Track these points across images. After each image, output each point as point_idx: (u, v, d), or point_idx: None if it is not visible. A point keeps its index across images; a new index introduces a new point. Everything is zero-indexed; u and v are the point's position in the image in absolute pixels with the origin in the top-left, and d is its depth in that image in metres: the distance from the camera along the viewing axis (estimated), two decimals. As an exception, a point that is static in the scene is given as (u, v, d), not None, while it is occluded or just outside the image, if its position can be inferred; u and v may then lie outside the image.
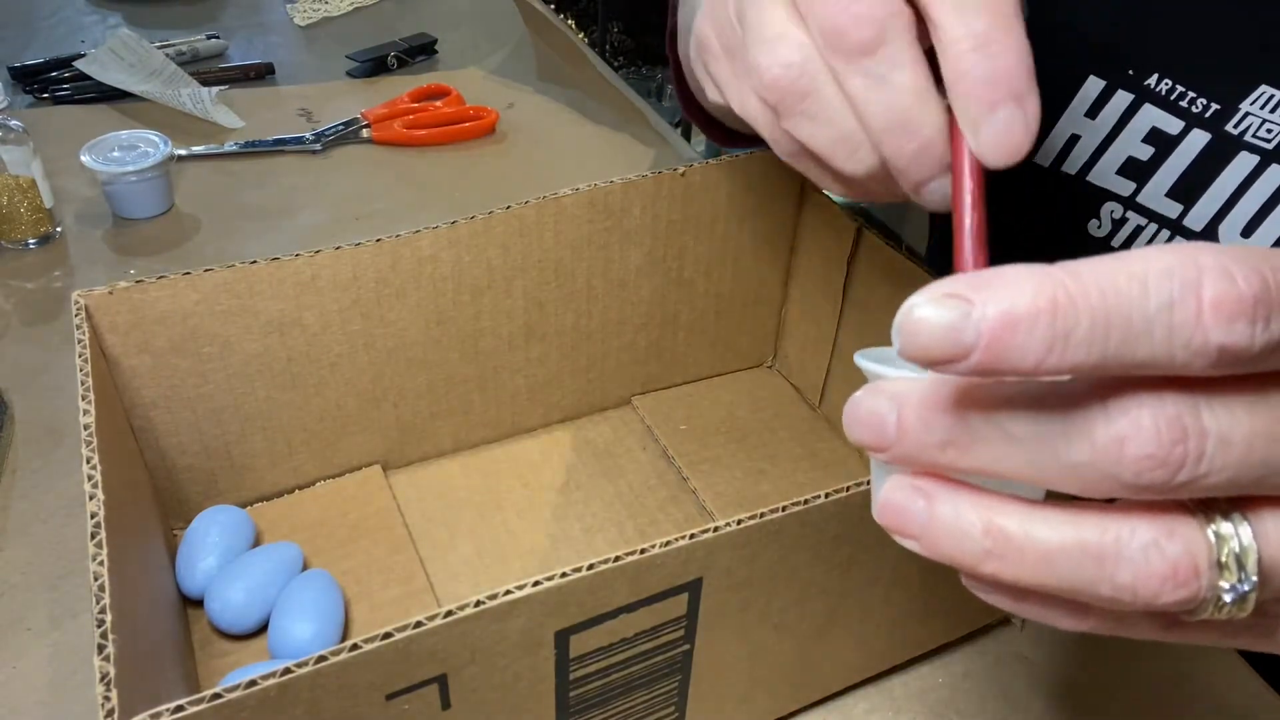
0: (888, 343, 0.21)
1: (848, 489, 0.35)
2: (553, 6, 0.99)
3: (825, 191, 0.55)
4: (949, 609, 0.45)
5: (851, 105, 0.30)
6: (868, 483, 0.35)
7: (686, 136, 1.54)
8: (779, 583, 0.37)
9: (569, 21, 1.02)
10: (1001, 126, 0.28)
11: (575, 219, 0.50)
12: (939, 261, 0.67)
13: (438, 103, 0.89)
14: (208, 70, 0.93)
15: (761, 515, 0.33)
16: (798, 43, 0.30)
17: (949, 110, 0.29)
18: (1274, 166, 0.44)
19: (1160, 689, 0.46)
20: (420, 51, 0.99)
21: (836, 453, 0.57)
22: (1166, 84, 0.46)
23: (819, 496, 0.34)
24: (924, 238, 0.76)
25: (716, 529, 0.33)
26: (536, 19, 0.98)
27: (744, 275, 0.57)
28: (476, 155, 0.85)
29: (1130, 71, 0.47)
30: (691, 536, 0.32)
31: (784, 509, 0.34)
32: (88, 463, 0.34)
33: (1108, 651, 0.48)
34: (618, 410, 0.59)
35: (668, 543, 0.32)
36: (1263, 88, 0.43)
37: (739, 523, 0.33)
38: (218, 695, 0.26)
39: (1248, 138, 0.44)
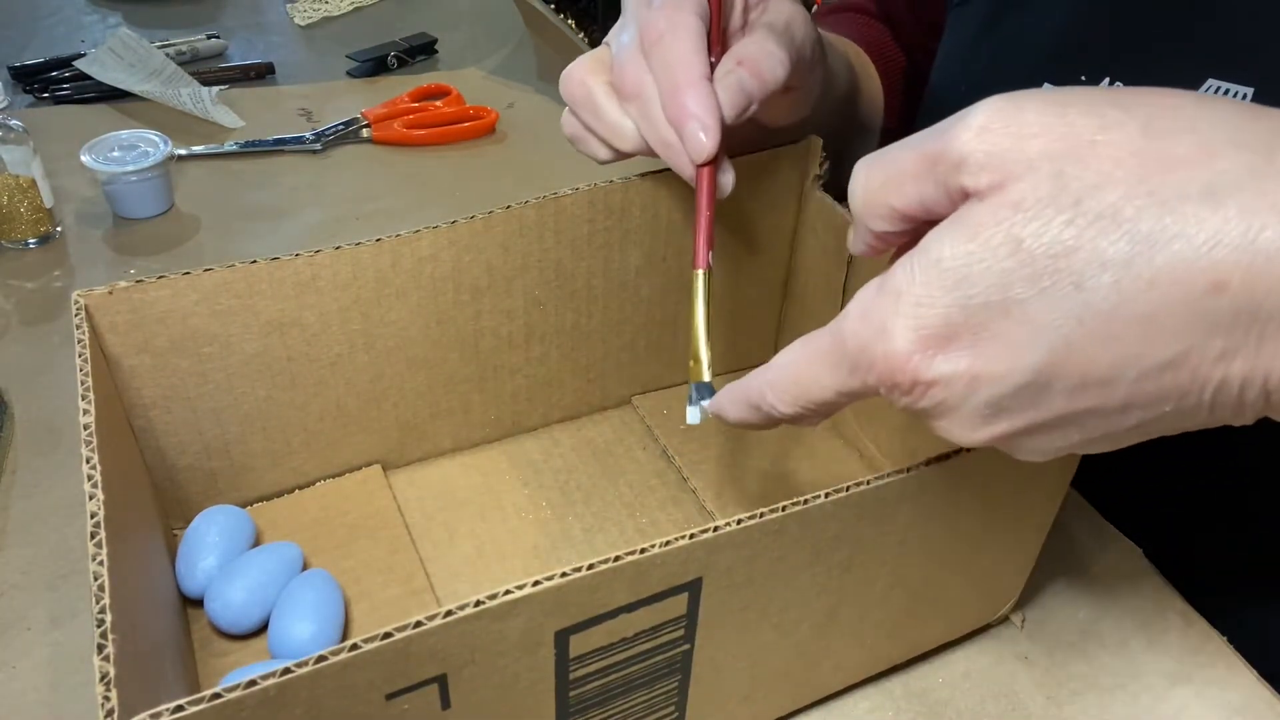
0: None
1: (847, 489, 0.35)
2: (553, 6, 0.99)
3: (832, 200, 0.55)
4: (949, 609, 0.45)
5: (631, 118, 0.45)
6: (868, 482, 0.35)
7: (686, 136, 1.53)
8: (779, 582, 0.37)
9: (569, 21, 1.02)
10: (689, 136, 0.42)
11: (575, 219, 0.50)
12: None
13: (438, 103, 0.89)
14: (208, 70, 0.93)
15: (761, 515, 0.33)
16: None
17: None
18: None
19: (1160, 689, 0.46)
20: (420, 51, 0.99)
21: (836, 453, 0.57)
22: (1119, 85, 0.47)
23: (819, 496, 0.34)
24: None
25: (716, 529, 0.33)
26: (536, 18, 0.98)
27: (744, 275, 0.57)
28: (476, 155, 0.85)
29: (1082, 76, 0.49)
30: (691, 536, 0.32)
31: (784, 509, 0.34)
32: (87, 462, 0.34)
33: (1108, 651, 0.48)
34: (618, 410, 0.59)
35: (667, 542, 0.32)
36: (1210, 81, 0.45)
37: (739, 522, 0.33)
38: (217, 695, 0.26)
39: None
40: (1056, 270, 0.25)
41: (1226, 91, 0.44)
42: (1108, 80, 0.48)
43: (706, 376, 0.41)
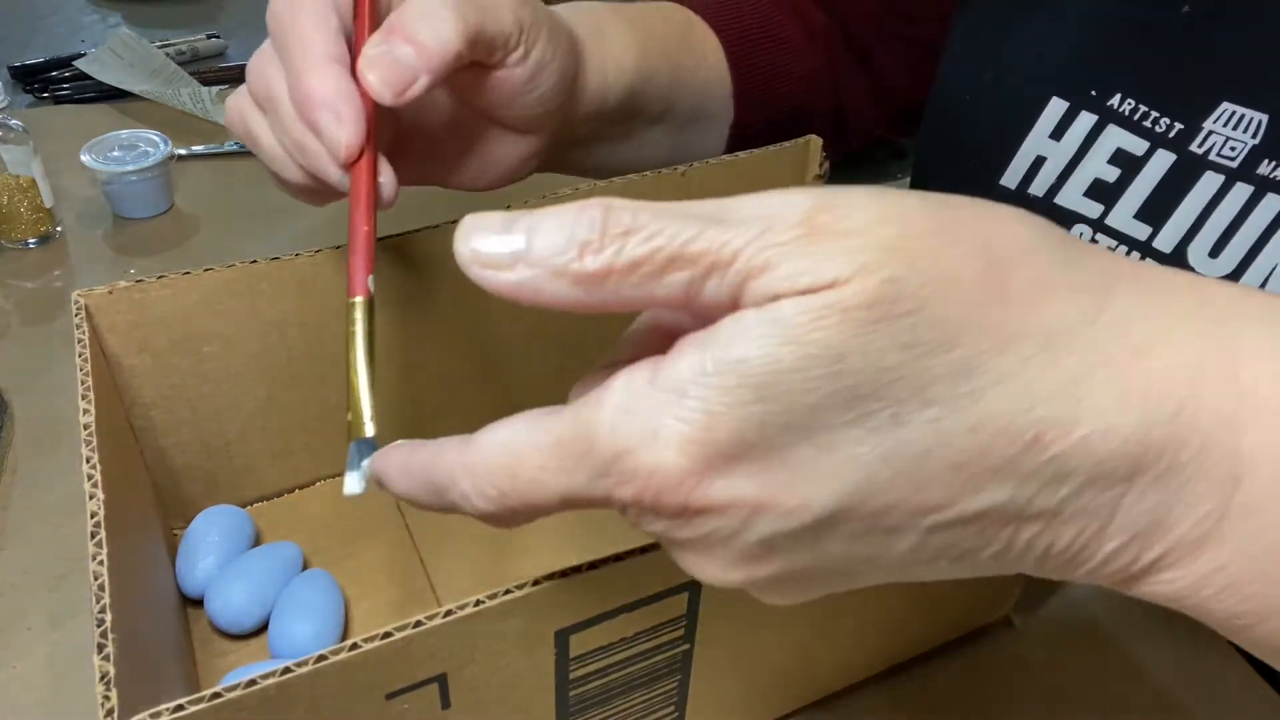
0: None
1: (848, 488, 0.35)
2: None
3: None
4: (948, 608, 0.45)
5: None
6: None
7: (686, 136, 1.53)
8: (779, 582, 0.37)
9: (569, 21, 1.02)
10: (322, 129, 0.37)
11: (575, 219, 0.50)
12: None
13: (438, 102, 0.89)
14: (208, 70, 0.93)
15: (761, 515, 0.33)
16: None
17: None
18: (1239, 185, 0.44)
19: (1160, 689, 0.46)
20: (420, 51, 0.98)
21: (836, 452, 0.57)
22: (1129, 104, 0.46)
23: (819, 496, 0.34)
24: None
25: (716, 528, 0.32)
26: (536, 19, 0.98)
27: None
28: (476, 155, 0.85)
29: (1093, 92, 0.48)
30: (691, 536, 0.32)
31: (784, 508, 0.34)
32: (87, 462, 0.34)
33: (1108, 651, 0.48)
34: (618, 410, 0.59)
35: (668, 542, 0.32)
36: (1224, 105, 0.44)
37: (739, 522, 0.33)
38: (217, 694, 0.26)
39: (1212, 156, 0.44)
40: (876, 397, 0.21)
41: (1241, 116, 0.43)
42: (1119, 97, 0.47)
43: (369, 432, 0.33)
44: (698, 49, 0.60)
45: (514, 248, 0.23)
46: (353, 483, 0.32)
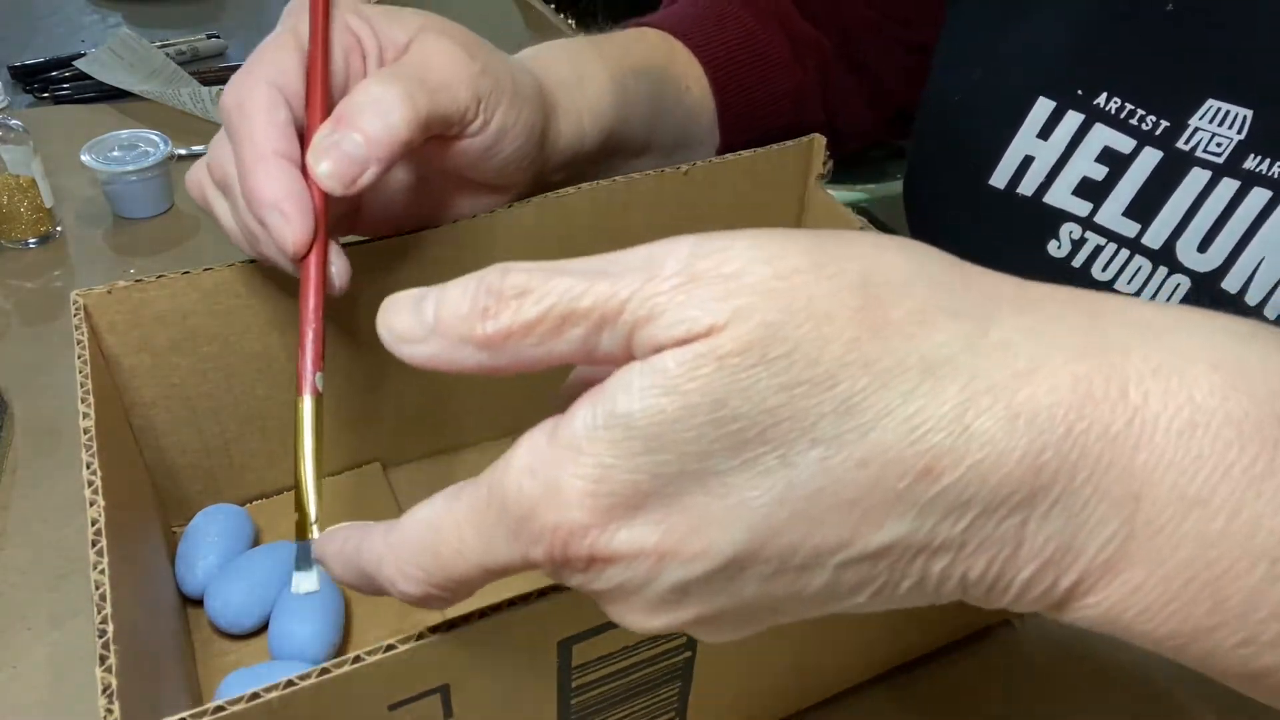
0: None
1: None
2: (553, 6, 0.99)
3: (827, 190, 0.55)
4: (949, 611, 0.45)
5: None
6: None
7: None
8: (781, 587, 0.36)
9: (569, 21, 1.02)
10: (271, 226, 0.37)
11: (577, 218, 0.50)
12: None
13: (438, 101, 0.88)
14: (208, 70, 0.93)
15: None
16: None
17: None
18: (1225, 180, 0.44)
19: (1160, 690, 0.46)
20: (421, 50, 0.98)
21: (838, 454, 0.57)
22: (1115, 102, 0.47)
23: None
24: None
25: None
26: (536, 19, 0.98)
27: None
28: (477, 154, 0.85)
29: (1079, 91, 0.48)
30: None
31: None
32: (88, 468, 0.34)
33: (1108, 651, 0.48)
34: (619, 411, 0.59)
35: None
36: (1210, 102, 0.44)
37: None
38: (220, 709, 0.26)
39: (1198, 153, 0.44)
40: (762, 440, 0.21)
41: (1227, 113, 0.44)
42: (1105, 96, 0.47)
43: (315, 534, 0.33)
44: (680, 78, 0.60)
45: (425, 321, 0.24)
46: (302, 582, 0.32)
